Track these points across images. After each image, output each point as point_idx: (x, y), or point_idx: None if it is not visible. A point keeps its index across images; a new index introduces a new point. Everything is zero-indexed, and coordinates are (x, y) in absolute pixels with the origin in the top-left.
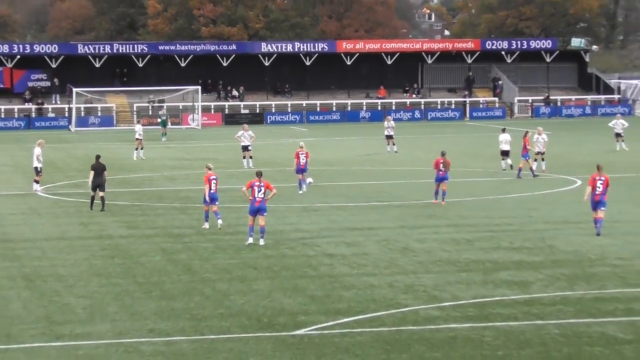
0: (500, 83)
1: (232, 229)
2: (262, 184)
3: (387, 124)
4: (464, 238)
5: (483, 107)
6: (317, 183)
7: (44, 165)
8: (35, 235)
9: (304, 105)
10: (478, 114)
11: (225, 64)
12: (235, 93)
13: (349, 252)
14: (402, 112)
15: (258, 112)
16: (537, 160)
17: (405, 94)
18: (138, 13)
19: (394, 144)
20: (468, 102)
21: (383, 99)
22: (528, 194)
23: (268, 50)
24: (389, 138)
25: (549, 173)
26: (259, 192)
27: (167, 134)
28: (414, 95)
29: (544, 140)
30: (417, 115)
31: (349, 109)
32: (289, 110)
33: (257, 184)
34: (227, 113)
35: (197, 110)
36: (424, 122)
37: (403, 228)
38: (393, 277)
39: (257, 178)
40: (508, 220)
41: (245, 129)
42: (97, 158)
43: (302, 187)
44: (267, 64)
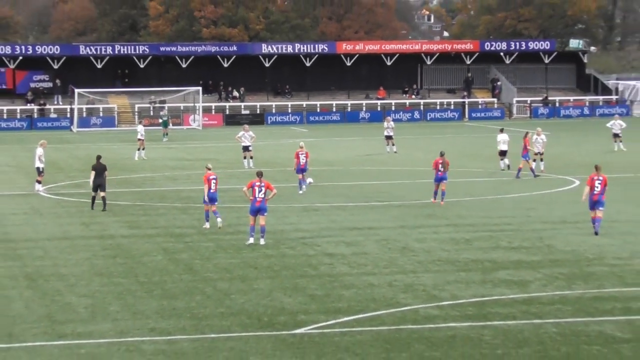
0: (499, 84)
1: (232, 229)
2: (262, 184)
3: (386, 125)
4: (463, 238)
5: (482, 107)
6: (317, 183)
7: (46, 166)
8: (38, 235)
9: (304, 106)
10: (477, 115)
11: (226, 65)
12: (236, 94)
13: (349, 251)
14: (401, 112)
15: (258, 112)
16: (535, 161)
17: (405, 95)
18: (140, 14)
19: (394, 145)
20: (467, 102)
21: (382, 100)
22: (526, 194)
23: (268, 52)
24: (389, 138)
25: (548, 173)
26: (260, 192)
27: (168, 135)
28: (413, 96)
29: (543, 141)
30: (416, 116)
31: (349, 110)
32: (289, 111)
33: (257, 184)
34: (227, 114)
35: (198, 111)
36: (423, 122)
37: (402, 228)
38: (393, 276)
39: (257, 178)
40: (507, 220)
41: (246, 130)
42: (97, 158)
43: (302, 187)
44: (267, 65)
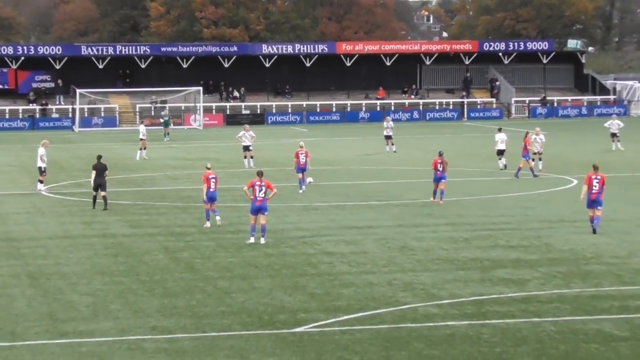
0: (498, 84)
1: (233, 228)
2: (263, 184)
3: (386, 125)
4: (462, 237)
5: (480, 107)
6: (317, 182)
7: (48, 165)
8: (40, 234)
9: (304, 106)
10: (476, 115)
11: (227, 65)
12: (237, 94)
13: (349, 250)
14: (400, 112)
15: (259, 112)
16: (534, 160)
17: (404, 95)
18: (141, 15)
19: (393, 144)
20: (466, 102)
21: (382, 100)
22: (525, 193)
23: (269, 52)
24: (388, 138)
25: (546, 173)
26: (260, 191)
27: (169, 134)
28: (413, 96)
29: (542, 141)
30: (415, 116)
31: (349, 110)
32: (290, 111)
33: (258, 184)
34: (228, 113)
35: (198, 111)
36: (423, 122)
37: (402, 227)
38: (392, 275)
39: (258, 178)
40: (505, 219)
41: (247, 129)
42: (98, 158)
43: (302, 186)
44: (267, 65)
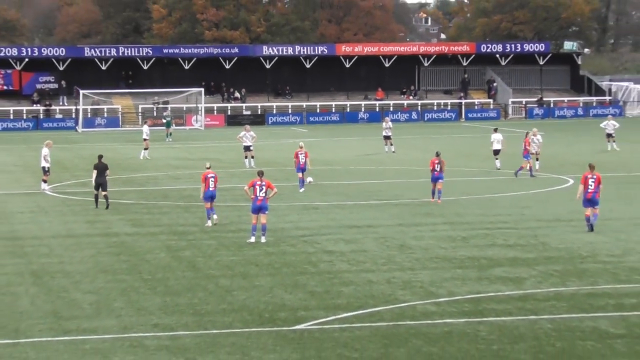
0: (495, 85)
1: (234, 227)
2: (263, 183)
3: (385, 125)
4: (460, 235)
5: (478, 108)
6: (317, 182)
7: (52, 165)
8: (43, 233)
9: (304, 107)
10: (473, 115)
11: (228, 67)
12: (238, 95)
13: (348, 249)
14: (399, 113)
15: (259, 113)
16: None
17: (403, 96)
18: (143, 17)
19: (392, 144)
20: (463, 103)
21: (381, 101)
22: (522, 193)
23: (269, 53)
24: (387, 138)
25: (542, 172)
26: (261, 191)
27: (172, 134)
28: (411, 97)
29: (539, 141)
30: (414, 117)
31: (348, 110)
32: (290, 112)
33: (258, 183)
34: (229, 114)
35: (200, 112)
36: (421, 123)
37: (400, 226)
38: (391, 273)
39: (258, 177)
40: (502, 218)
41: (247, 130)
42: (99, 158)
43: (302, 186)
44: (268, 67)
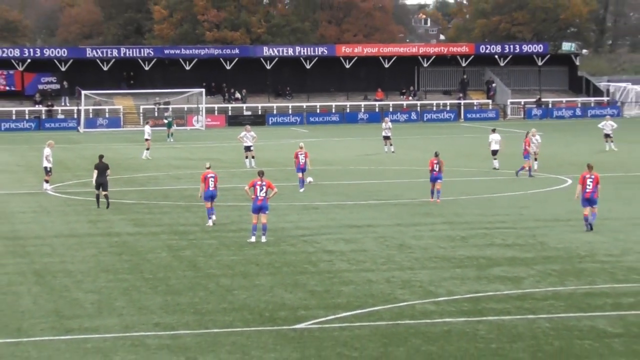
0: (494, 86)
1: (235, 227)
2: (264, 183)
3: (384, 125)
4: (459, 235)
5: (477, 109)
6: (316, 182)
7: (54, 165)
8: (45, 233)
9: (305, 107)
10: (472, 116)
11: (229, 68)
12: (238, 95)
13: (348, 248)
14: (399, 113)
15: (260, 113)
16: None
17: (402, 97)
18: (144, 18)
19: (391, 145)
20: (462, 104)
21: (381, 101)
22: (520, 193)
23: (270, 54)
24: (387, 139)
25: (541, 172)
26: (261, 190)
27: (173, 135)
28: (411, 98)
29: (537, 141)
30: (413, 117)
31: (348, 111)
32: (290, 112)
33: (259, 183)
34: (230, 114)
35: (201, 112)
36: (420, 123)
37: (400, 225)
38: (390, 272)
39: (259, 177)
40: (501, 218)
41: (248, 130)
42: (100, 158)
43: (302, 185)
44: (268, 68)
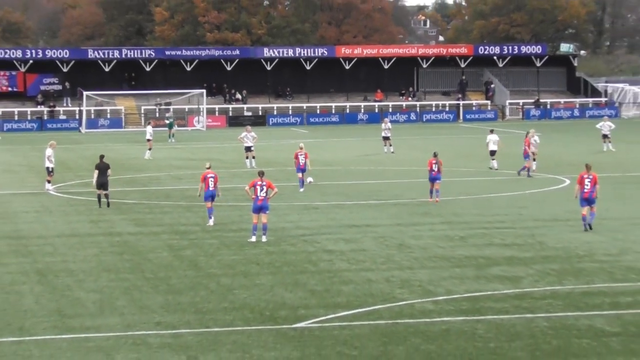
0: (492, 86)
1: (235, 226)
2: (264, 183)
3: (384, 126)
4: (458, 235)
5: (476, 109)
6: (316, 182)
7: (56, 166)
8: (48, 232)
9: (305, 108)
10: (471, 116)
11: (229, 69)
12: (239, 96)
13: (348, 248)
14: (398, 114)
15: (260, 114)
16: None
17: (402, 97)
18: (146, 20)
19: (391, 145)
20: (461, 104)
21: (380, 102)
22: (519, 193)
23: (270, 55)
24: (386, 139)
25: (539, 172)
26: (262, 191)
27: (174, 135)
28: (410, 99)
29: (536, 142)
30: (412, 118)
31: (348, 112)
32: (290, 113)
33: (259, 183)
34: (231, 115)
35: (202, 113)
36: (420, 124)
37: (399, 225)
38: (390, 272)
39: (259, 177)
40: (500, 218)
41: (248, 131)
42: (101, 158)
43: (302, 186)
44: (269, 69)
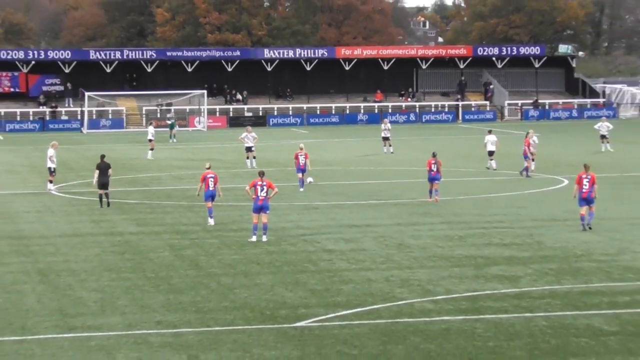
0: (491, 87)
1: (236, 226)
2: (264, 183)
3: (383, 126)
4: (457, 235)
5: (475, 110)
6: (317, 182)
7: (58, 166)
8: (49, 232)
9: (305, 109)
10: (470, 117)
11: (230, 69)
12: (239, 97)
13: (348, 248)
14: (398, 115)
15: (261, 114)
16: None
17: (401, 98)
18: (147, 21)
19: (391, 145)
20: (460, 105)
21: (380, 103)
22: (517, 193)
23: (270, 56)
24: (386, 139)
25: (538, 173)
26: (262, 191)
27: (176, 136)
28: (409, 99)
29: (535, 142)
30: (412, 118)
31: (348, 112)
32: (290, 113)
33: (260, 183)
34: (231, 116)
35: (203, 113)
36: (419, 124)
37: (399, 225)
38: (389, 271)
39: (259, 177)
40: (499, 218)
41: (249, 131)
42: (101, 157)
43: (302, 186)
44: (269, 69)
